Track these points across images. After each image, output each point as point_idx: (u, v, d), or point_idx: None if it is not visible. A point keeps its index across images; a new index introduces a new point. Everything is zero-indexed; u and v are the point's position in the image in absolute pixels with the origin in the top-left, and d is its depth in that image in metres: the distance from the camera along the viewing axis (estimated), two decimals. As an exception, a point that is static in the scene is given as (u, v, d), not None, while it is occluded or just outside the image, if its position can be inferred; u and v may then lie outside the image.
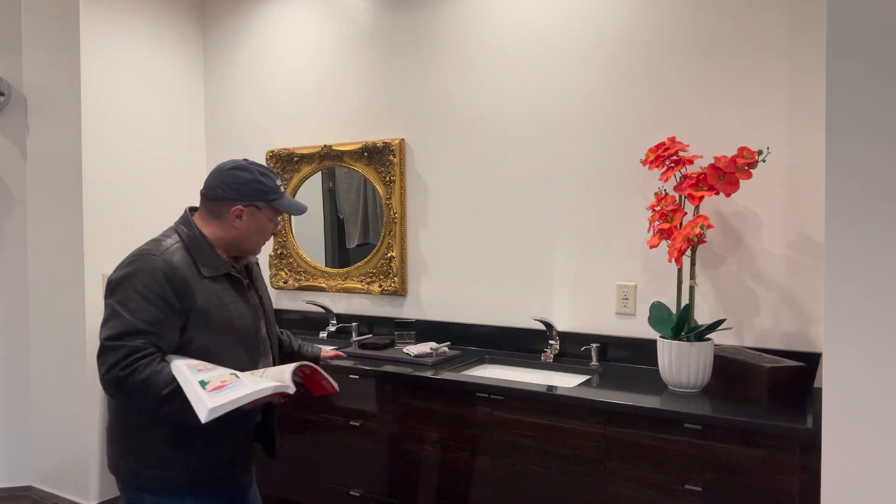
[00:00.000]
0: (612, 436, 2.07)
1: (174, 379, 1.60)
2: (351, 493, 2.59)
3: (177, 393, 1.58)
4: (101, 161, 3.23)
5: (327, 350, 2.30)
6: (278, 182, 1.86)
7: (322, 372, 1.84)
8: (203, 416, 1.52)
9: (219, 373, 1.63)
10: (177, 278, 1.68)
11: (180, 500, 1.75)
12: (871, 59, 1.50)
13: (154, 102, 3.48)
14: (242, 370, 1.71)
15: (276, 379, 1.65)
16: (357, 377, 2.56)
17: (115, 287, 1.68)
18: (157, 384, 1.60)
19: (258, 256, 2.01)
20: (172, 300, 1.67)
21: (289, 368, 1.69)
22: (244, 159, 1.86)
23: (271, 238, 2.08)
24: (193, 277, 1.72)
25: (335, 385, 1.89)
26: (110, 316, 1.66)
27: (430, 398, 2.41)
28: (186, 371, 1.61)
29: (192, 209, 1.87)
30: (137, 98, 3.40)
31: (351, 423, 2.58)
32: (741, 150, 2.14)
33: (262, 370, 1.76)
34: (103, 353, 1.63)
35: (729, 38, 2.37)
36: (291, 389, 1.65)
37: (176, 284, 1.68)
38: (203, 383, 1.58)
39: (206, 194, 1.83)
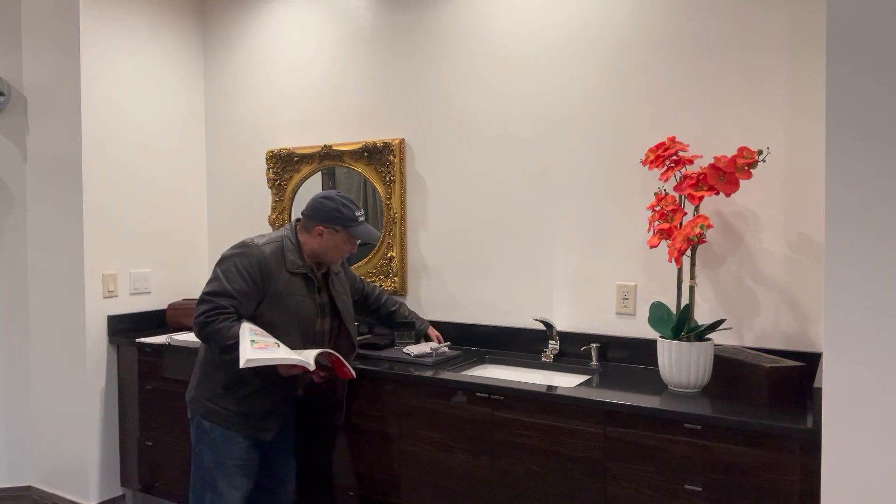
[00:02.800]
0: (612, 436, 2.07)
1: (237, 336, 2.10)
2: (351, 493, 2.59)
3: (235, 346, 2.07)
4: (101, 161, 3.24)
5: (431, 331, 2.85)
6: (358, 213, 2.33)
7: (343, 360, 2.25)
8: (241, 363, 2.00)
9: (268, 340, 2.12)
10: (265, 266, 2.22)
11: (227, 432, 2.27)
12: (871, 58, 1.50)
13: (154, 102, 3.48)
14: (293, 348, 2.18)
15: (305, 357, 2.12)
16: (357, 377, 2.55)
17: (223, 261, 2.25)
18: (224, 336, 2.14)
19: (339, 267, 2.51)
20: (258, 280, 2.21)
21: (315, 352, 2.17)
22: (335, 191, 2.38)
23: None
24: (279, 269, 2.25)
25: (353, 373, 2.30)
26: (213, 279, 2.22)
27: (430, 398, 2.41)
28: (247, 331, 2.11)
29: (298, 219, 2.40)
30: (137, 98, 3.40)
31: (351, 422, 2.58)
32: (741, 150, 2.14)
33: (300, 350, 2.21)
34: (200, 302, 2.20)
35: (729, 38, 2.37)
36: (311, 367, 2.11)
37: (264, 270, 2.22)
38: (252, 342, 2.06)
39: (303, 213, 2.37)
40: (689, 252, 2.20)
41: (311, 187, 3.36)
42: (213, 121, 3.71)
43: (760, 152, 2.13)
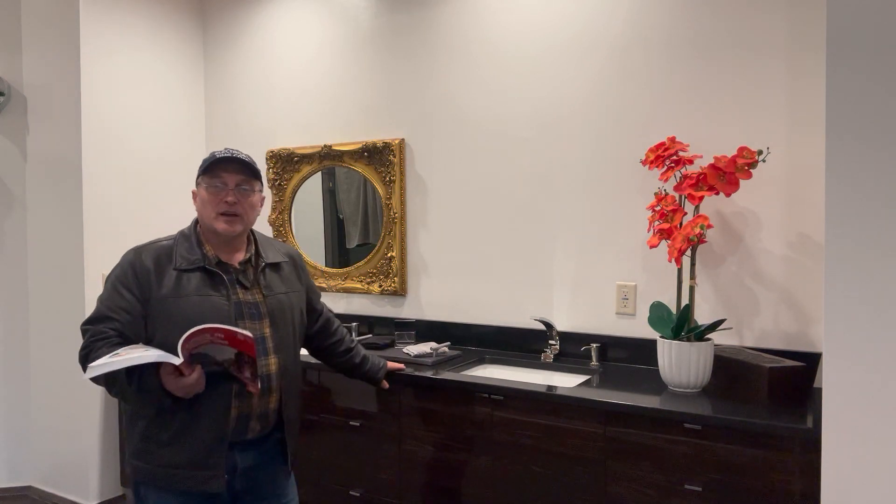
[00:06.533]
0: (611, 436, 2.07)
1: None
2: (351, 493, 2.59)
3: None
4: (101, 161, 3.24)
5: (391, 364, 2.37)
6: (217, 153, 1.91)
7: (232, 329, 1.64)
8: (87, 374, 1.59)
9: (136, 347, 1.65)
10: (141, 269, 1.77)
11: (159, 494, 1.78)
12: (871, 59, 1.50)
13: (154, 102, 3.48)
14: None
15: (161, 353, 1.60)
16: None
17: (105, 281, 1.84)
18: None
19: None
20: (134, 289, 1.75)
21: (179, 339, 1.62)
22: None
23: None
24: (162, 269, 1.78)
25: (248, 333, 1.64)
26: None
27: (430, 398, 2.41)
28: (123, 348, 1.64)
29: None
30: (137, 98, 3.40)
31: (351, 423, 2.58)
32: (741, 150, 2.14)
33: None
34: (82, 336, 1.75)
35: (729, 39, 2.37)
36: (176, 361, 1.59)
37: (140, 274, 1.76)
38: (115, 353, 1.60)
39: None
40: (689, 252, 2.20)
41: (312, 187, 3.36)
42: (213, 121, 3.71)
43: (760, 152, 2.13)
